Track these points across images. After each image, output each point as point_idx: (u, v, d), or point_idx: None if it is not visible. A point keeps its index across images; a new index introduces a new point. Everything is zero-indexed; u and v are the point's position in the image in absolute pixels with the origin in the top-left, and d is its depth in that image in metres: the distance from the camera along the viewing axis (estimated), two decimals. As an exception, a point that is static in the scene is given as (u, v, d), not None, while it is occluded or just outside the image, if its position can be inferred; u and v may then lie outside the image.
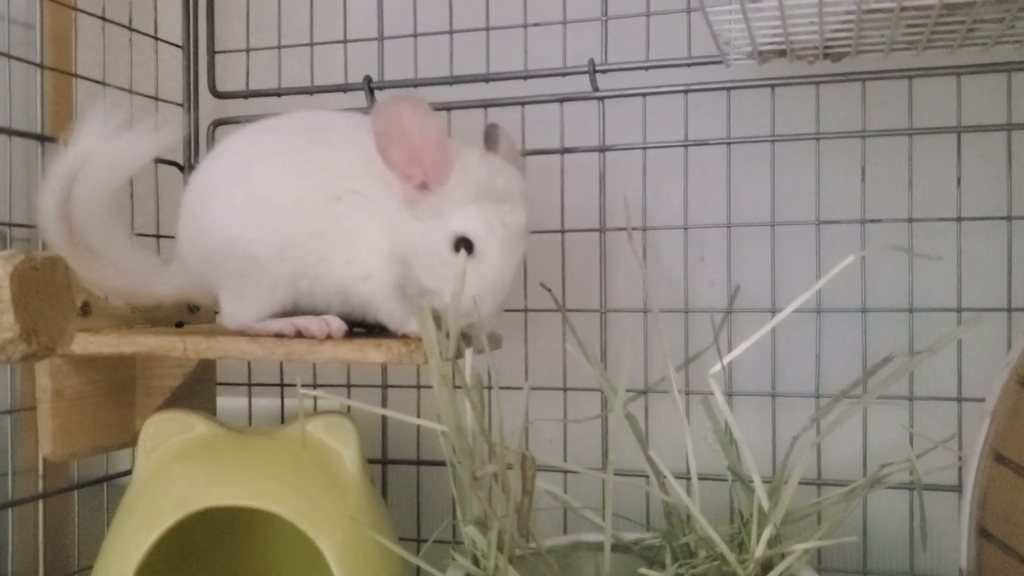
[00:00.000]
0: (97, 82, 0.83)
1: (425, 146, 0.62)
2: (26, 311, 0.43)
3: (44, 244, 0.71)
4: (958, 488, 0.73)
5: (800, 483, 0.71)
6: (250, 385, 0.92)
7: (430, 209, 0.63)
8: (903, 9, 0.55)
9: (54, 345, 0.45)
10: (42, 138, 0.78)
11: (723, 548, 0.60)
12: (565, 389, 0.83)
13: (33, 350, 0.44)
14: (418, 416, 0.87)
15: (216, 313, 0.85)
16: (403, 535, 0.85)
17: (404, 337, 0.65)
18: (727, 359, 0.60)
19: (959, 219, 0.73)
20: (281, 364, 0.91)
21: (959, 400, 0.73)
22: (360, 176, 0.64)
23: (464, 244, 0.62)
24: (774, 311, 0.77)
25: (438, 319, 0.58)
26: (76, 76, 0.82)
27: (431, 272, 0.62)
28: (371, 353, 0.63)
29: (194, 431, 0.70)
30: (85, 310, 0.71)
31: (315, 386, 0.88)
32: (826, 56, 0.67)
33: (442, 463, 0.86)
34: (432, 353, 0.55)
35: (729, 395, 0.79)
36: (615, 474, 0.78)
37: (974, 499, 0.53)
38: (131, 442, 0.76)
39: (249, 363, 0.92)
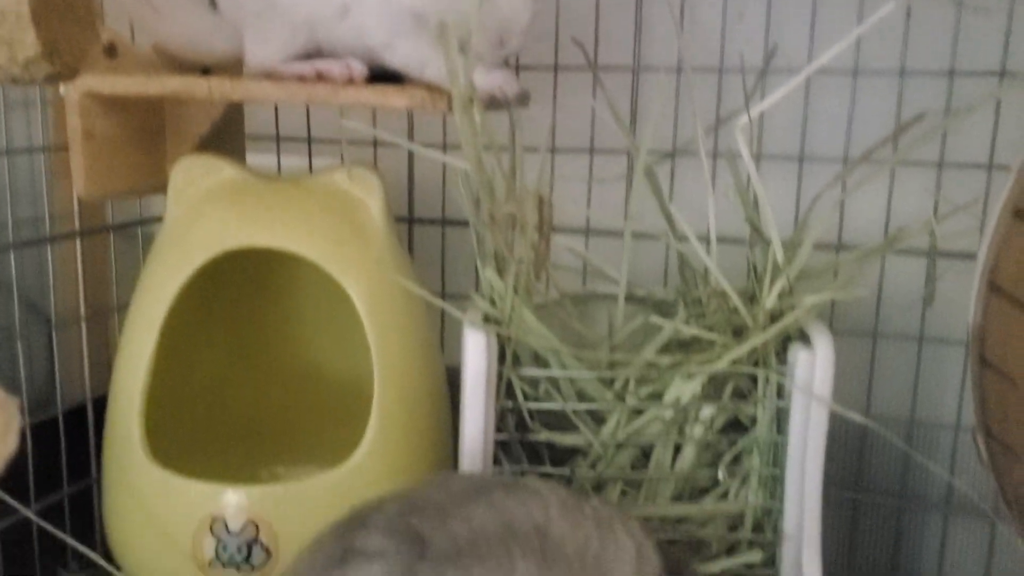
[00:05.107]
0: None
1: None
2: (48, 30, 0.43)
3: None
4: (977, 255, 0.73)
5: (821, 247, 0.72)
6: (278, 140, 0.92)
7: None
8: None
9: (77, 65, 0.45)
10: None
11: (735, 299, 0.62)
12: (592, 151, 0.83)
13: (57, 69, 0.44)
14: (443, 177, 0.88)
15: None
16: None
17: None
18: (757, 110, 0.59)
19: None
20: (309, 124, 0.91)
21: (989, 167, 0.72)
22: None
23: None
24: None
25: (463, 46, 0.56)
26: None
27: None
28: (393, 98, 0.62)
29: (222, 174, 0.71)
30: (111, 51, 0.71)
31: (342, 142, 0.89)
32: None
33: (468, 223, 0.88)
34: (455, 77, 0.54)
35: (757, 157, 0.78)
36: (635, 233, 0.79)
37: (989, 254, 0.53)
38: (162, 187, 0.77)
39: (277, 119, 0.92)
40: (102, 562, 0.70)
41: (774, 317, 0.61)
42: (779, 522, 0.61)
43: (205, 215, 0.70)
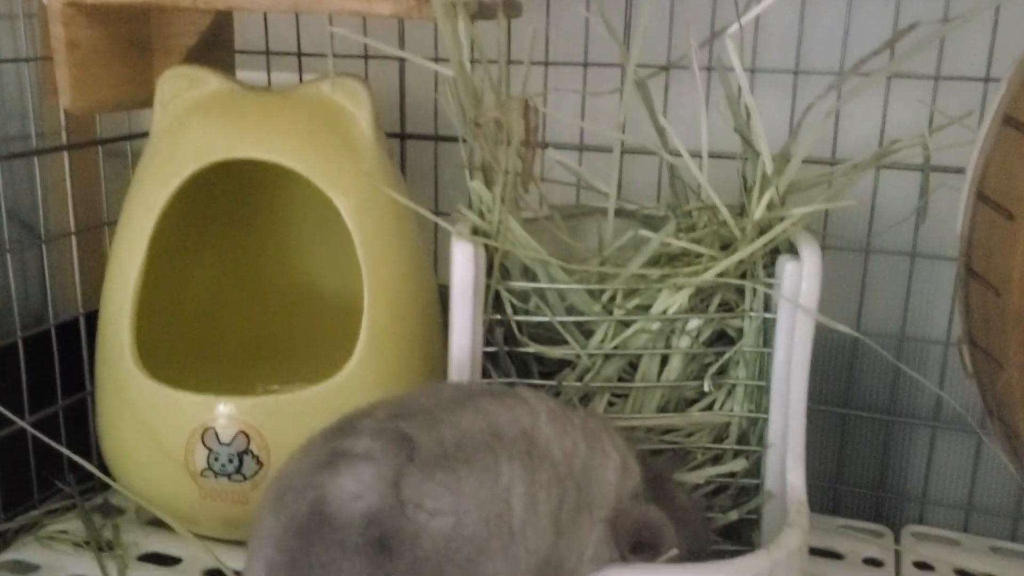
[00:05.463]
0: None
1: None
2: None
3: None
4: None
5: (813, 162, 0.72)
6: (268, 54, 0.91)
7: None
8: None
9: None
10: None
11: (724, 213, 0.61)
12: (585, 64, 0.82)
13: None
14: (435, 92, 0.87)
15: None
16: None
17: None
18: (748, 16, 0.58)
19: None
20: (299, 38, 0.90)
21: (986, 81, 0.71)
22: None
23: None
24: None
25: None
26: None
27: None
28: (378, 5, 0.61)
29: (208, 86, 0.71)
30: (93, -42, 0.70)
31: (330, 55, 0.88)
32: None
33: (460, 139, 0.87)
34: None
35: (751, 71, 0.77)
36: (628, 150, 0.78)
37: (978, 163, 0.53)
38: (150, 101, 0.76)
39: (267, 33, 0.91)
40: (97, 472, 0.71)
41: (763, 229, 0.61)
42: (764, 432, 0.61)
43: (191, 127, 0.69)
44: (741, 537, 0.63)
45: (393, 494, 0.44)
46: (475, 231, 0.62)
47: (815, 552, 0.72)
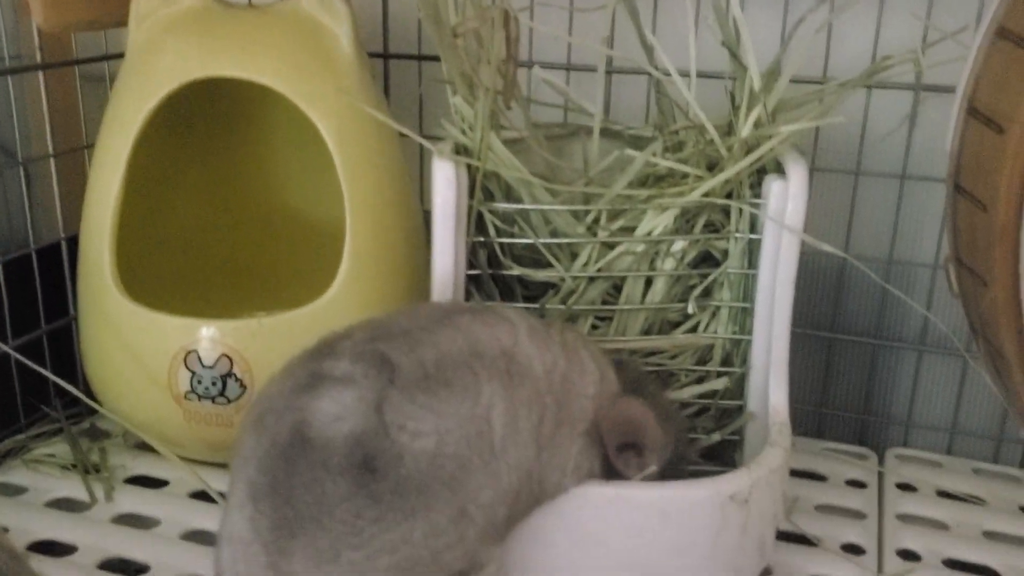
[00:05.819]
0: None
1: None
2: None
3: None
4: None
5: (804, 81, 0.70)
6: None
7: None
8: None
9: None
10: None
11: (711, 131, 0.60)
12: (572, -19, 0.80)
13: None
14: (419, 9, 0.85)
15: None
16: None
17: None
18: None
19: None
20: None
21: (983, -5, 0.70)
22: None
23: None
24: None
25: None
26: None
27: None
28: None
29: (183, 3, 0.69)
30: None
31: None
32: None
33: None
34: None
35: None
36: (615, 69, 0.77)
37: (970, 77, 0.52)
38: (127, 20, 0.75)
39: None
40: (83, 397, 0.71)
41: (750, 149, 0.59)
42: (748, 354, 0.61)
43: (166, 45, 0.68)
44: (724, 458, 0.63)
45: (376, 417, 0.44)
46: (458, 151, 0.61)
47: (799, 474, 0.72)
